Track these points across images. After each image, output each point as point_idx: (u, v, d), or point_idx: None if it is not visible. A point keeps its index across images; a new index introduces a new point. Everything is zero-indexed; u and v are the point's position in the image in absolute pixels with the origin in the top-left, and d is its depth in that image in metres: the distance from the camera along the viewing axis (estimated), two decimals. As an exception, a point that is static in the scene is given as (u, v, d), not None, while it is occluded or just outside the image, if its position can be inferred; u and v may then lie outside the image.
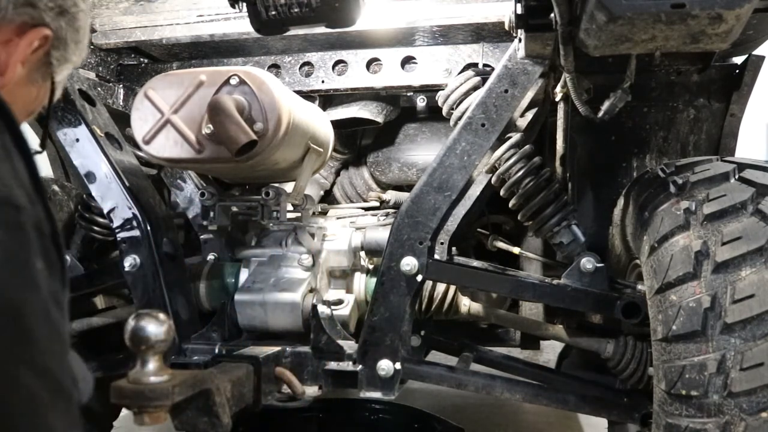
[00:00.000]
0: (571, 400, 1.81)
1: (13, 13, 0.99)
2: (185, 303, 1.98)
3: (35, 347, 0.72)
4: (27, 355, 0.71)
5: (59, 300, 0.80)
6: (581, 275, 1.80)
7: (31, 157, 0.83)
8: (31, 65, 1.05)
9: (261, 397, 1.67)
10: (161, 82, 1.80)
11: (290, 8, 1.54)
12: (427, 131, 2.48)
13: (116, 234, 1.95)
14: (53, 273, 0.79)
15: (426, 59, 2.16)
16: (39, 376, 0.71)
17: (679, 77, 2.22)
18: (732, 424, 1.23)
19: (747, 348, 1.24)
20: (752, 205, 1.36)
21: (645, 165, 2.24)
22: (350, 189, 2.59)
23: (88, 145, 1.97)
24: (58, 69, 1.11)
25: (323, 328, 1.84)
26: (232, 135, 1.66)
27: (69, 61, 1.12)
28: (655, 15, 1.24)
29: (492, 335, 2.67)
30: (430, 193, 1.80)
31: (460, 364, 2.03)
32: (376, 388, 1.81)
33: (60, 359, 0.76)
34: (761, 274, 1.27)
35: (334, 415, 2.51)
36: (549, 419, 3.42)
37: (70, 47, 1.10)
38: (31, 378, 0.70)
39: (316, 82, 2.24)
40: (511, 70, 1.76)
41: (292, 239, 2.08)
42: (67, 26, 1.07)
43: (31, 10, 1.01)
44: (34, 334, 0.72)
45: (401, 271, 1.79)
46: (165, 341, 1.16)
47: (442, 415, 2.55)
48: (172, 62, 2.36)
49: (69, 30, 1.08)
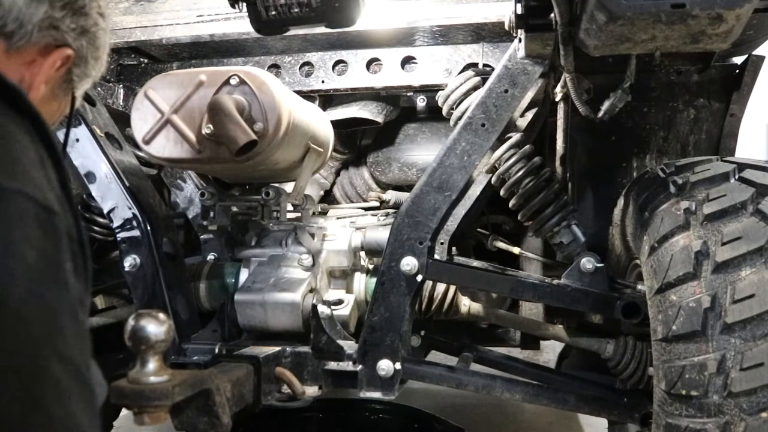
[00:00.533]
0: (571, 400, 1.81)
1: (38, 36, 1.03)
2: (185, 303, 1.98)
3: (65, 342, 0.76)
4: (58, 348, 0.74)
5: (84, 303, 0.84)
6: (581, 275, 1.79)
7: (63, 168, 0.87)
8: (54, 83, 1.10)
9: (261, 397, 1.67)
10: (161, 82, 1.80)
11: (290, 8, 1.54)
12: (427, 131, 2.48)
13: (116, 234, 1.95)
14: (79, 277, 0.83)
15: (426, 59, 2.16)
16: (67, 369, 0.74)
17: (679, 77, 2.22)
18: (732, 424, 1.23)
19: (747, 348, 1.24)
20: (752, 205, 1.36)
21: (645, 165, 2.24)
22: (350, 189, 2.59)
23: (88, 145, 1.96)
24: (78, 84, 1.16)
25: (323, 328, 1.84)
26: (232, 135, 1.66)
27: (89, 77, 1.18)
28: (655, 15, 1.24)
29: (492, 335, 2.67)
30: (430, 193, 1.80)
31: (460, 364, 2.03)
32: (376, 388, 1.81)
33: (86, 357, 0.80)
34: (761, 274, 1.27)
35: (334, 415, 2.51)
36: (549, 419, 3.42)
37: (90, 64, 1.16)
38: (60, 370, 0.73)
39: (316, 82, 2.24)
40: (511, 70, 1.76)
41: (292, 239, 2.08)
42: (88, 45, 1.13)
43: (55, 32, 1.06)
44: (65, 330, 0.76)
45: (401, 271, 1.79)
46: (165, 341, 1.16)
47: (442, 415, 2.55)
48: (172, 62, 2.36)
49: (90, 48, 1.13)
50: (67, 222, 0.82)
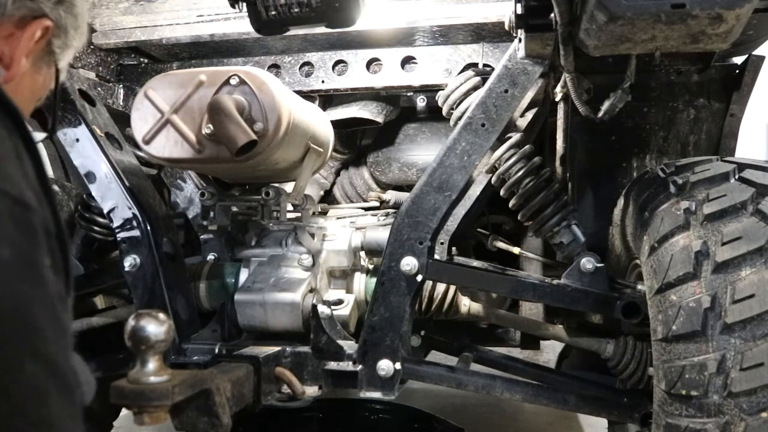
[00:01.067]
0: (571, 400, 1.81)
1: (12, 8, 1.01)
2: (185, 303, 1.98)
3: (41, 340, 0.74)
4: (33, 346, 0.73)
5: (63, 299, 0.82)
6: (581, 275, 1.79)
7: (40, 160, 0.85)
8: (35, 56, 1.08)
9: (261, 397, 1.67)
10: (161, 82, 1.79)
11: (290, 8, 1.54)
12: (427, 131, 2.48)
13: (116, 234, 1.95)
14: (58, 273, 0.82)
15: (426, 59, 2.16)
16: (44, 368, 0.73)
17: (679, 77, 2.23)
18: (732, 424, 1.23)
19: (747, 348, 1.24)
20: (752, 205, 1.36)
21: (645, 165, 2.24)
22: (350, 189, 2.59)
23: (88, 145, 1.96)
24: (60, 56, 1.14)
25: (323, 328, 1.84)
26: (232, 135, 1.66)
27: (70, 47, 1.15)
28: (655, 15, 1.24)
29: (492, 335, 2.67)
30: (430, 193, 1.80)
31: (460, 364, 2.03)
32: (376, 388, 1.81)
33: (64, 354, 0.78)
34: (761, 274, 1.27)
35: (334, 415, 2.51)
36: (549, 419, 3.42)
37: (71, 33, 1.13)
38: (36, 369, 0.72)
39: (316, 82, 2.24)
40: (511, 70, 1.76)
41: (292, 239, 2.08)
42: (66, 14, 1.10)
43: (30, 3, 1.03)
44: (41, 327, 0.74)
45: (401, 271, 1.79)
46: (165, 341, 1.16)
47: (442, 415, 2.55)
48: (172, 62, 2.36)
49: (68, 17, 1.11)
50: (44, 217, 0.80)
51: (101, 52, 2.29)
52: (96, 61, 2.28)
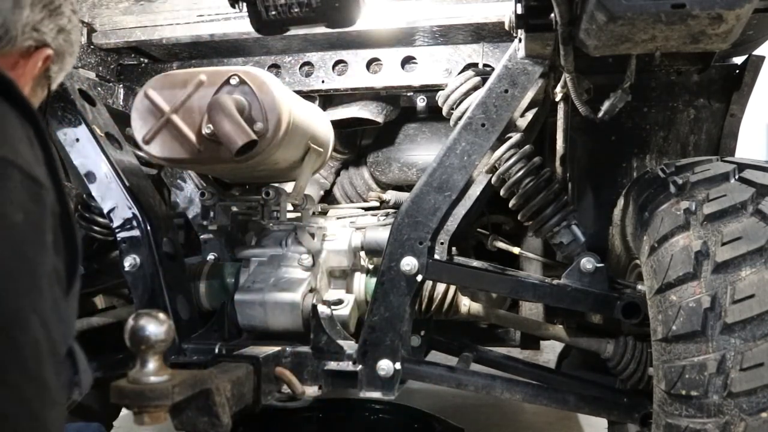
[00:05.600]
0: (571, 400, 1.81)
1: (21, 39, 1.07)
2: (185, 303, 1.98)
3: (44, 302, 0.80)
4: (36, 304, 0.79)
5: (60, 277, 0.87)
6: (581, 275, 1.79)
7: (50, 149, 0.91)
8: (34, 81, 1.14)
9: (261, 397, 1.67)
10: (161, 82, 1.79)
11: (290, 8, 1.54)
12: (427, 131, 2.48)
13: (116, 234, 1.95)
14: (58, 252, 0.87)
15: (426, 59, 2.16)
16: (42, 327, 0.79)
17: (679, 77, 2.22)
18: (732, 424, 1.23)
19: (747, 348, 1.24)
20: (752, 205, 1.36)
21: (645, 165, 2.24)
22: (350, 189, 2.59)
23: (88, 145, 1.97)
24: (55, 79, 1.21)
25: (323, 328, 1.84)
26: (232, 135, 1.66)
27: (64, 71, 1.22)
28: (655, 15, 1.24)
29: (492, 335, 2.67)
30: (430, 193, 1.80)
31: (460, 364, 2.03)
32: (376, 388, 1.81)
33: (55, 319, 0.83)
34: (761, 274, 1.27)
35: (334, 415, 2.51)
36: (549, 419, 3.42)
37: (67, 59, 1.21)
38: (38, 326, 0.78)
39: (316, 82, 2.24)
40: (511, 70, 1.76)
41: (292, 239, 2.08)
42: (65, 42, 1.17)
43: (36, 34, 1.09)
44: (42, 288, 0.80)
45: (401, 271, 1.79)
46: (165, 341, 1.16)
47: (442, 415, 2.55)
48: (172, 62, 2.36)
49: (66, 45, 1.18)
50: (52, 198, 0.86)
51: (101, 52, 2.29)
52: (96, 61, 2.28)
